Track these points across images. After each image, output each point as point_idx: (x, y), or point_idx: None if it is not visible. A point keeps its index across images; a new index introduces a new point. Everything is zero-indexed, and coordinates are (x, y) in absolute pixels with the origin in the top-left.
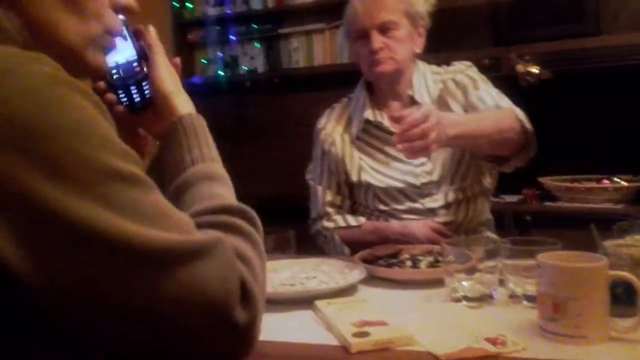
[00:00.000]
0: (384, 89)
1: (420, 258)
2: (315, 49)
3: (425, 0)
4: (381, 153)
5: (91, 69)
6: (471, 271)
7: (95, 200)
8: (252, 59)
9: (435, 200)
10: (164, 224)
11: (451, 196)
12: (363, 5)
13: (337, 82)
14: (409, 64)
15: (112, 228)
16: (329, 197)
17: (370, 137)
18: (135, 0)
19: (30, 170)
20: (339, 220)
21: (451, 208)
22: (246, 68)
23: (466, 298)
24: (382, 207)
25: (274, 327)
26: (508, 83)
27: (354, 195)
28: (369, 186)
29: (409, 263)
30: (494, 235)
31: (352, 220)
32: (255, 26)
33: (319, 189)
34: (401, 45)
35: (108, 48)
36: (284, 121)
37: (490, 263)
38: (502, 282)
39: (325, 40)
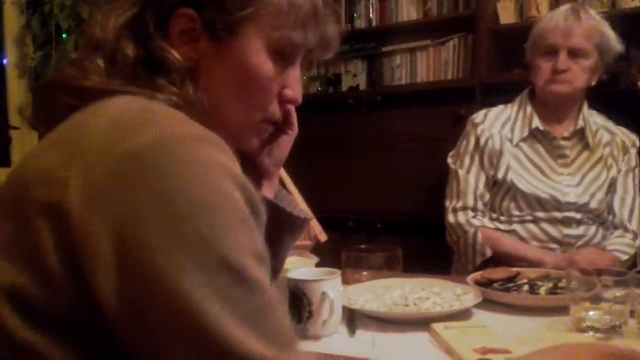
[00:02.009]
0: (551, 107)
1: (539, 283)
2: (419, 65)
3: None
4: (541, 160)
5: (244, 148)
6: (597, 300)
7: (201, 283)
8: (355, 76)
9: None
10: (261, 332)
11: (587, 219)
12: (563, 24)
13: (441, 98)
14: (581, 94)
15: (202, 310)
16: (481, 190)
17: (532, 145)
18: (301, 94)
19: (157, 236)
20: (486, 221)
21: (585, 228)
22: (349, 86)
23: (593, 329)
24: (516, 212)
25: (391, 348)
26: (628, 98)
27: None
28: (511, 187)
29: (526, 288)
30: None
31: (500, 225)
32: (359, 45)
33: (470, 179)
34: (583, 75)
35: (263, 133)
36: (386, 138)
37: (620, 292)
38: (633, 314)
39: (429, 57)
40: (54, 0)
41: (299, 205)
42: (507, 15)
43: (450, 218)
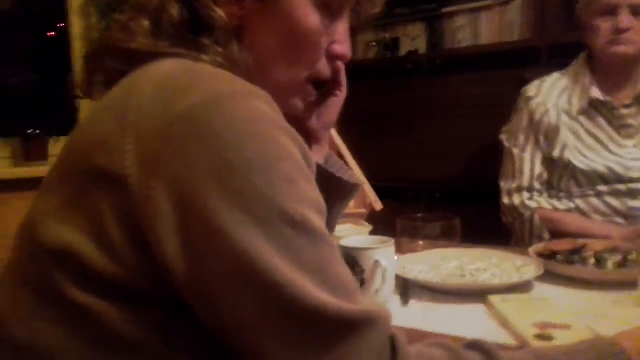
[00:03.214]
0: (613, 71)
1: (606, 256)
2: (483, 26)
3: None
4: (602, 133)
5: (288, 110)
6: None
7: (264, 237)
8: (414, 40)
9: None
10: (326, 282)
11: None
12: None
13: (504, 61)
14: None
15: (268, 265)
16: (538, 169)
17: (591, 117)
18: (350, 49)
19: (216, 196)
20: (543, 202)
21: None
22: (407, 50)
23: None
24: (575, 189)
25: (444, 319)
26: None
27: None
28: (568, 165)
29: (592, 261)
30: None
31: (558, 204)
32: (418, 6)
33: (525, 158)
34: None
35: (308, 95)
36: (446, 103)
37: None
38: None
39: (493, 18)
40: None
41: (350, 170)
42: None
43: (505, 200)
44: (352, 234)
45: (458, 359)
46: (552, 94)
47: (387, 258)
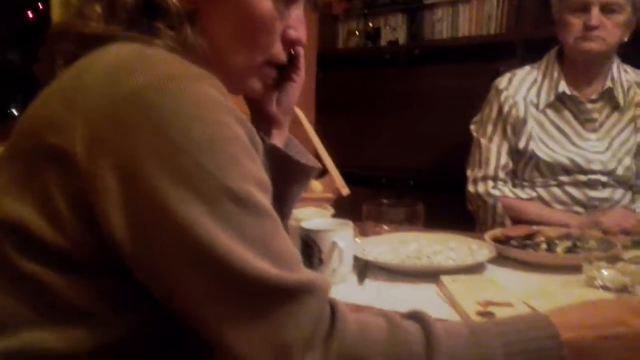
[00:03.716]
0: (580, 66)
1: (557, 242)
2: (461, 19)
3: None
4: (567, 126)
5: (247, 93)
6: (613, 260)
7: (207, 212)
8: (395, 30)
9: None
10: (267, 254)
11: (614, 182)
12: None
13: (480, 54)
14: (614, 51)
15: (211, 239)
16: (503, 159)
17: (558, 110)
18: (305, 33)
19: (160, 174)
20: (506, 190)
21: (611, 191)
22: (388, 40)
23: (605, 288)
24: (539, 178)
25: (396, 297)
26: None
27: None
28: (532, 156)
29: (544, 246)
30: None
31: (521, 193)
32: None
33: (492, 148)
34: (616, 30)
35: (267, 77)
36: (422, 94)
37: (638, 252)
38: None
39: (472, 10)
40: None
41: (308, 154)
42: None
43: (470, 188)
44: (315, 217)
45: (395, 326)
46: (522, 87)
47: (344, 240)
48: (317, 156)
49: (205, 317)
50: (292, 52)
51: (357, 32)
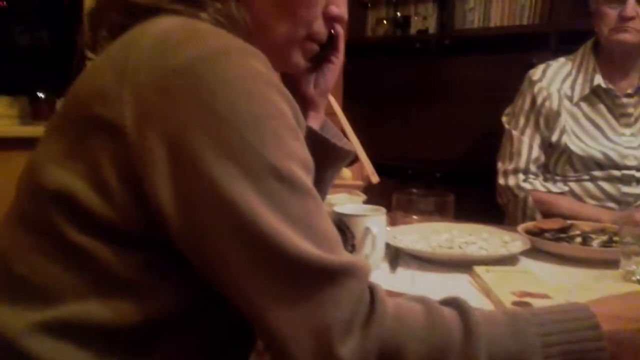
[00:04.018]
0: (616, 58)
1: (593, 236)
2: (494, 9)
3: None
4: (601, 119)
5: (289, 68)
6: None
7: (252, 189)
8: (425, 19)
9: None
10: (309, 234)
11: None
12: None
13: (513, 45)
14: None
15: (255, 215)
16: (535, 152)
17: (592, 103)
18: (347, 11)
19: (207, 147)
20: (537, 184)
21: None
22: (417, 28)
23: None
24: (571, 173)
25: (429, 286)
26: None
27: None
28: (565, 150)
29: (578, 240)
30: None
31: (552, 187)
32: None
33: (524, 140)
34: None
35: (309, 52)
36: (452, 84)
37: None
38: None
39: (504, 1)
40: None
41: (344, 138)
42: None
43: (501, 180)
44: (346, 202)
45: (433, 311)
46: (556, 79)
47: (377, 226)
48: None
49: (246, 294)
50: (333, 32)
51: (385, 21)
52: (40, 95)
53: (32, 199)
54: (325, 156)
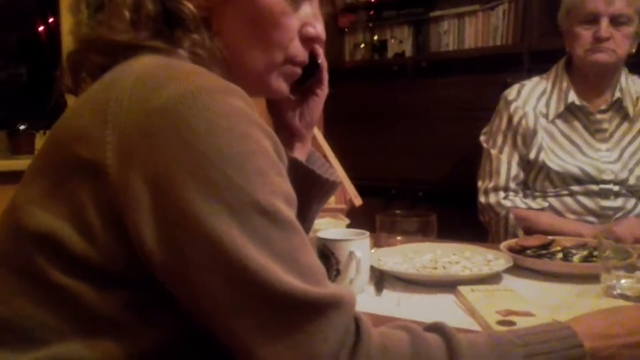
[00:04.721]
0: (590, 77)
1: (574, 251)
2: (467, 31)
3: None
4: (577, 136)
5: (271, 93)
6: (630, 268)
7: (236, 226)
8: (401, 42)
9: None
10: (294, 268)
11: (626, 191)
12: None
13: (487, 66)
14: (622, 62)
15: (240, 252)
16: (514, 170)
17: (568, 120)
18: (324, 31)
19: (191, 186)
20: (517, 201)
21: (624, 200)
22: (394, 52)
23: (624, 297)
24: (550, 188)
25: (415, 308)
26: None
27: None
28: (543, 166)
29: (560, 255)
30: None
31: (532, 203)
32: (406, 9)
33: (502, 159)
34: (625, 42)
35: (291, 76)
36: (430, 105)
37: None
38: None
39: (478, 22)
40: None
41: (330, 168)
42: None
43: (482, 198)
44: (330, 227)
45: (417, 339)
46: (531, 98)
47: (361, 249)
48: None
49: (233, 330)
50: (316, 61)
51: (362, 45)
52: (20, 127)
53: (14, 241)
54: (311, 187)
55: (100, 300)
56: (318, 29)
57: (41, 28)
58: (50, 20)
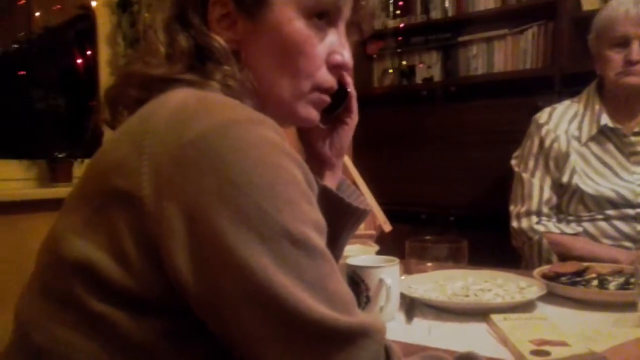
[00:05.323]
0: (622, 99)
1: (609, 278)
2: (496, 55)
3: None
4: (611, 159)
5: (301, 121)
6: None
7: (267, 254)
8: (430, 67)
9: None
10: (324, 296)
11: None
12: (634, 11)
13: (517, 89)
14: None
15: (270, 281)
16: (546, 194)
17: (601, 143)
18: (351, 58)
19: (223, 216)
20: (551, 226)
21: None
22: (423, 77)
23: None
24: (584, 213)
25: (446, 336)
26: None
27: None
28: (576, 190)
29: (595, 283)
30: None
31: (566, 228)
32: (434, 35)
33: (534, 182)
34: None
35: (320, 103)
36: (460, 130)
37: None
38: None
39: (507, 46)
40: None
41: (361, 196)
42: (589, 0)
43: (514, 223)
44: (360, 253)
45: None
46: (562, 121)
47: (391, 276)
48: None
49: (265, 357)
50: (346, 89)
51: (391, 71)
52: (59, 155)
53: (53, 269)
54: (341, 215)
55: (137, 328)
56: (345, 56)
57: (79, 60)
58: (88, 52)
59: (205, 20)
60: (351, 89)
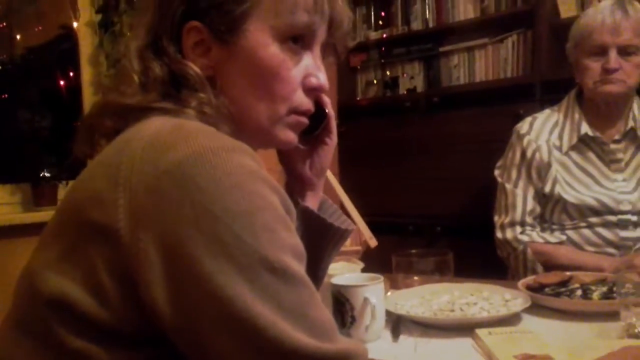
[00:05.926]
0: (602, 108)
1: (593, 288)
2: (477, 64)
3: None
4: (592, 167)
5: (280, 144)
6: None
7: (245, 284)
8: (412, 78)
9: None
10: (304, 324)
11: None
12: (610, 20)
13: (499, 97)
14: (634, 91)
15: (249, 311)
16: (530, 204)
17: (582, 152)
18: (327, 80)
19: (200, 245)
20: (535, 235)
21: None
22: (406, 88)
23: None
24: (567, 221)
25: (433, 353)
26: None
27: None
28: (559, 199)
29: (579, 292)
30: None
31: (550, 236)
32: (416, 46)
33: (518, 193)
34: (635, 71)
35: (298, 126)
36: (444, 139)
37: None
38: None
39: (487, 56)
40: (123, 19)
41: (343, 215)
42: (567, 8)
43: (498, 234)
44: (345, 271)
45: None
46: (543, 131)
47: (376, 295)
48: (343, 208)
49: None
50: (324, 110)
51: (375, 82)
52: (44, 174)
53: (29, 304)
54: (323, 236)
55: None
56: (321, 79)
57: (62, 81)
58: (71, 73)
59: (179, 48)
60: (329, 109)
